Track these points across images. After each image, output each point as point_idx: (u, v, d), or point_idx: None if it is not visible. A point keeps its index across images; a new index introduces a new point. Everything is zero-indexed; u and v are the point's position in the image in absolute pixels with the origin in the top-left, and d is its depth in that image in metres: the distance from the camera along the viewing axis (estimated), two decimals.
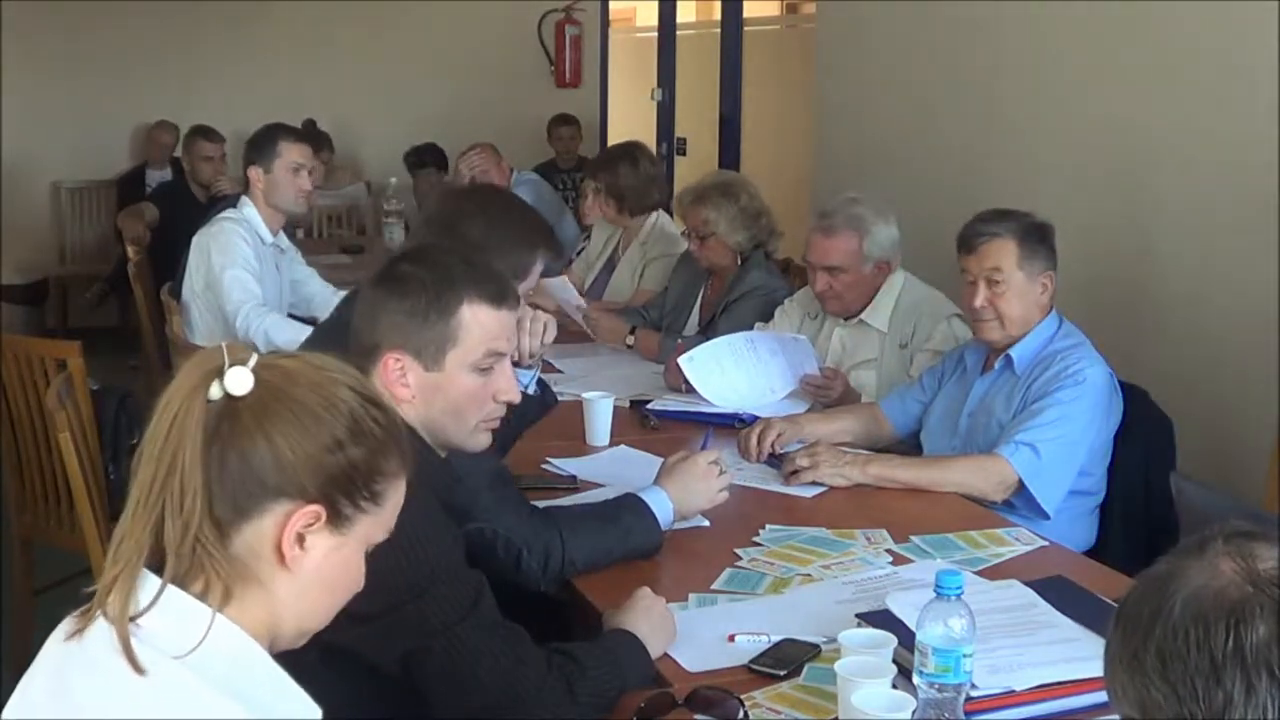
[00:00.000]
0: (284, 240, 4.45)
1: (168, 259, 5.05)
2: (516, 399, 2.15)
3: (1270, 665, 1.03)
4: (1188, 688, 1.05)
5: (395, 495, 1.41)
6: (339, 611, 1.41)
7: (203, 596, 1.30)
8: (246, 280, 4.12)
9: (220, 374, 1.30)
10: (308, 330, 4.06)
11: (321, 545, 1.34)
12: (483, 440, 2.14)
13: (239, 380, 1.30)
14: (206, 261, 4.22)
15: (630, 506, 2.47)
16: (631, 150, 5.05)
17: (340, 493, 1.34)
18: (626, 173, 4.89)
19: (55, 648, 1.32)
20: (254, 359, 1.33)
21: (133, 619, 1.26)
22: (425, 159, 7.52)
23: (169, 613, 1.27)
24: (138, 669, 1.24)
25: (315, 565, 1.34)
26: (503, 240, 2.60)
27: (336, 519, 1.35)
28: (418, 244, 2.23)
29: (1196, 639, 1.05)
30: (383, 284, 2.08)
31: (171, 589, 1.28)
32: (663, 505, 2.49)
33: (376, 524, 1.39)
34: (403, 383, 2.03)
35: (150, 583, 1.29)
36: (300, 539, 1.33)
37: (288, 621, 1.35)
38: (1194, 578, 1.08)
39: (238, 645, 1.29)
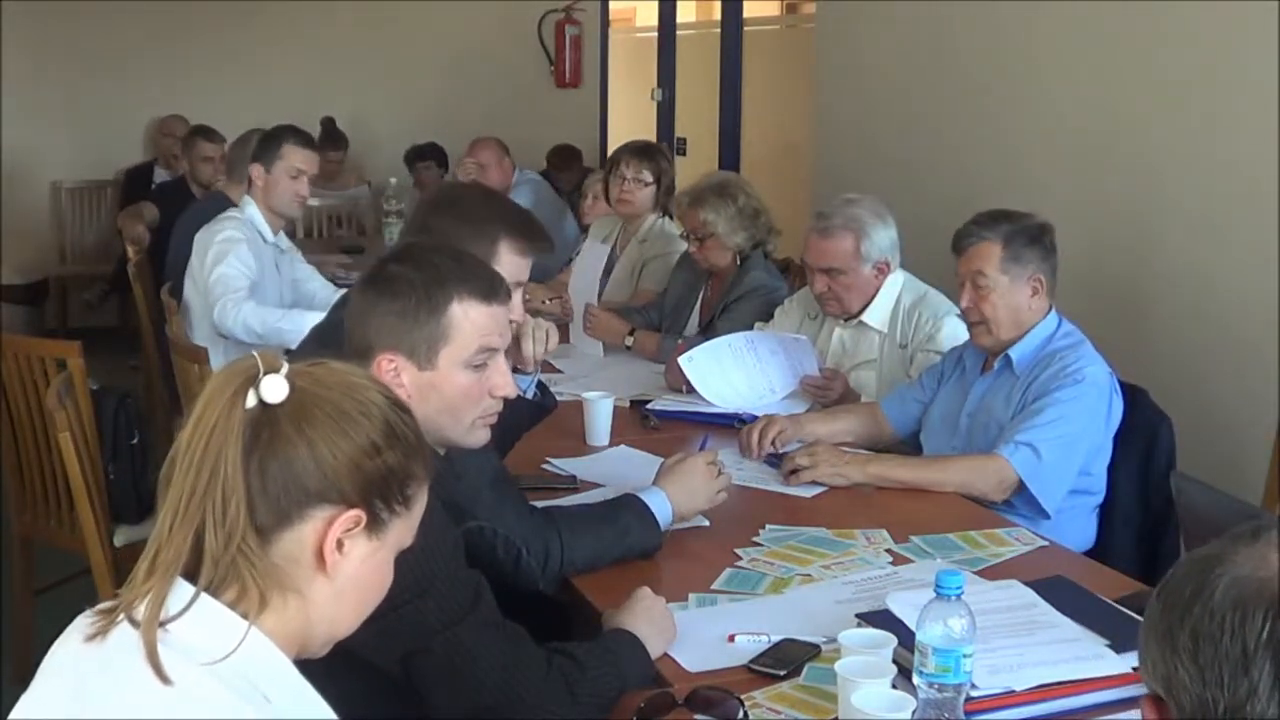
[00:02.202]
0: (284, 240, 4.47)
1: (168, 259, 5.06)
2: (513, 393, 2.14)
3: None
4: (1215, 673, 1.04)
5: (422, 499, 1.42)
6: None
7: (235, 604, 1.30)
8: (232, 277, 4.13)
9: (255, 382, 1.31)
10: (286, 314, 4.08)
11: (359, 550, 1.35)
12: (481, 436, 2.14)
13: (275, 388, 1.31)
14: (204, 260, 4.24)
15: (630, 507, 2.47)
16: (666, 149, 5.20)
17: (378, 497, 1.35)
18: (670, 167, 5.00)
19: (73, 648, 1.32)
20: (285, 366, 1.33)
21: (162, 624, 1.26)
22: (425, 153, 7.68)
23: (201, 620, 1.28)
24: (164, 678, 1.23)
25: (353, 570, 1.35)
26: (462, 232, 2.51)
27: (374, 523, 1.36)
28: (404, 244, 2.21)
29: (1233, 625, 1.04)
30: (372, 285, 2.07)
31: (204, 597, 1.28)
32: (662, 506, 2.49)
33: (406, 528, 1.41)
34: (397, 383, 2.02)
35: (181, 589, 1.29)
36: (339, 544, 1.33)
37: (320, 627, 1.36)
38: (1242, 563, 1.07)
39: (265, 654, 1.29)
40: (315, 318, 3.98)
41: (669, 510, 2.50)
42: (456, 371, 2.04)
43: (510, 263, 2.54)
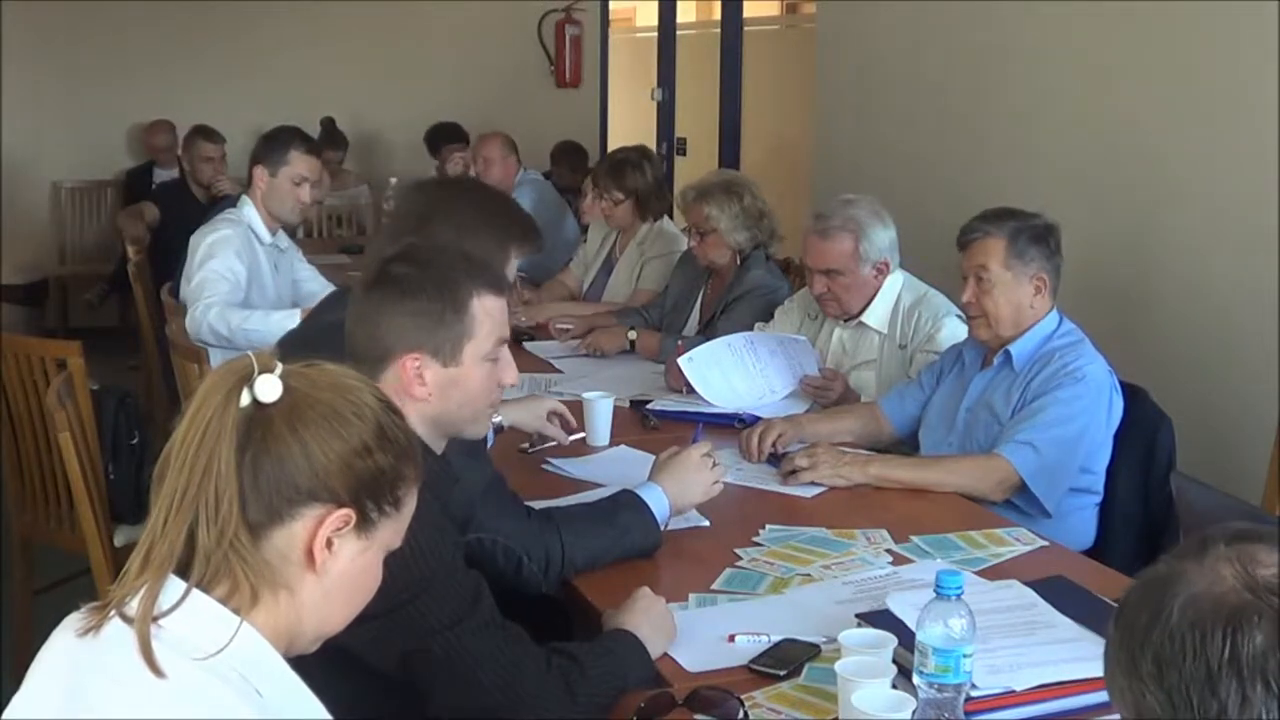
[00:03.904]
0: (284, 239, 4.43)
1: (168, 259, 5.05)
2: (516, 380, 2.19)
3: (1265, 675, 1.01)
4: (1182, 695, 1.03)
5: (412, 501, 1.43)
6: None
7: (227, 600, 1.31)
8: (211, 282, 4.05)
9: (249, 381, 1.32)
10: (250, 314, 4.00)
11: (348, 550, 1.37)
12: (486, 425, 2.19)
13: (269, 387, 1.32)
14: (194, 261, 4.20)
15: (628, 504, 2.48)
16: (647, 154, 5.07)
17: (368, 497, 1.36)
18: (649, 174, 4.92)
19: (66, 643, 1.32)
20: (280, 366, 1.34)
21: (155, 619, 1.27)
22: (453, 133, 7.67)
23: (193, 616, 1.29)
24: (158, 672, 1.24)
25: (342, 569, 1.37)
26: (474, 241, 2.49)
27: (364, 523, 1.37)
28: (404, 245, 2.19)
29: (1193, 646, 1.03)
30: (382, 288, 2.07)
31: (196, 592, 1.30)
32: (659, 501, 2.50)
33: (395, 529, 1.42)
34: (420, 382, 2.03)
35: (173, 585, 1.30)
36: (329, 543, 1.35)
37: (309, 625, 1.37)
38: (1194, 582, 1.06)
39: (257, 649, 1.30)
40: (282, 317, 3.96)
41: (666, 505, 2.51)
42: (477, 365, 2.07)
43: (513, 266, 2.62)
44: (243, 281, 4.12)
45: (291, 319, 3.95)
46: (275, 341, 3.86)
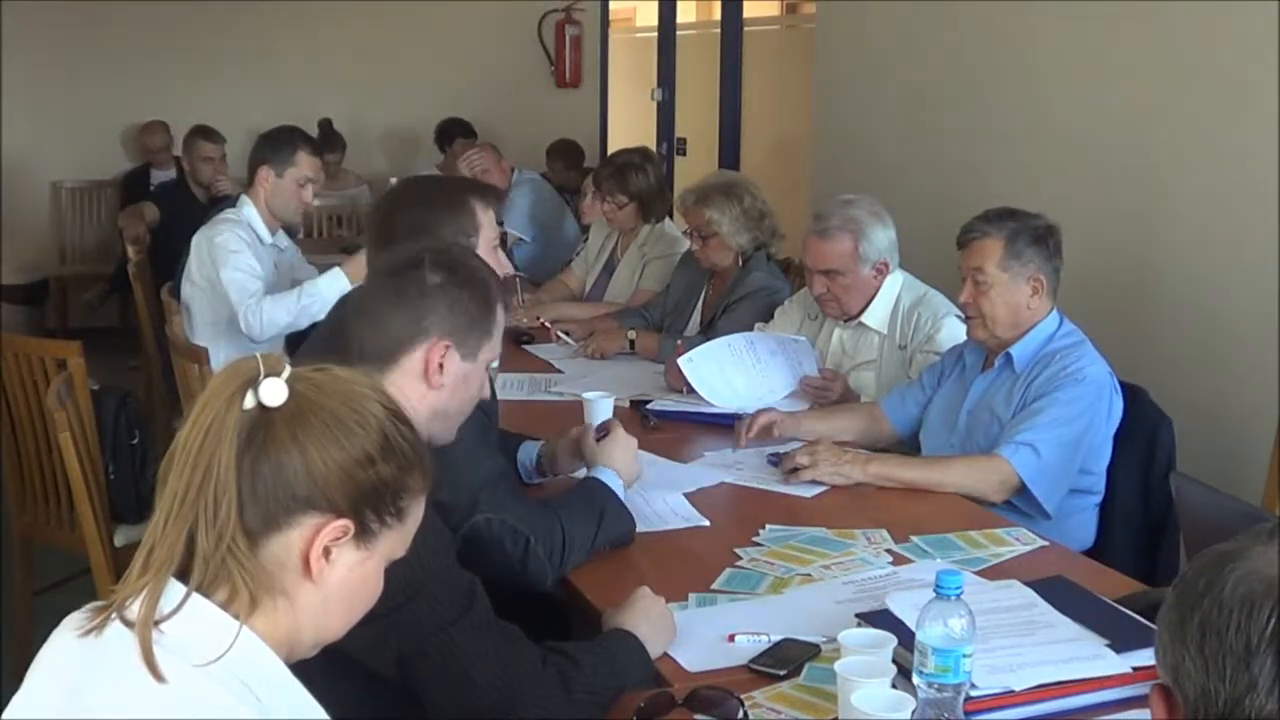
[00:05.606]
0: (283, 239, 4.44)
1: (168, 259, 5.05)
2: (487, 394, 2.24)
3: None
4: (1218, 664, 1.06)
5: (417, 511, 1.42)
6: None
7: (226, 605, 1.30)
8: (242, 280, 4.11)
9: (254, 384, 1.31)
10: (300, 291, 4.09)
11: (346, 559, 1.35)
12: (454, 431, 2.25)
13: (274, 391, 1.31)
14: (204, 262, 4.22)
15: (601, 491, 2.54)
16: (649, 155, 5.05)
17: (368, 508, 1.35)
18: (652, 175, 4.91)
19: (67, 643, 1.32)
20: (287, 370, 1.33)
21: (155, 624, 1.27)
22: (457, 129, 7.72)
23: (193, 620, 1.28)
24: (159, 677, 1.24)
25: (340, 579, 1.35)
26: (439, 214, 2.66)
27: (363, 533, 1.35)
28: (423, 248, 2.24)
29: (1239, 619, 1.07)
30: (425, 272, 2.11)
31: (196, 596, 1.29)
32: (617, 484, 2.58)
33: (398, 539, 1.41)
34: (439, 371, 2.09)
35: (173, 589, 1.29)
36: (327, 552, 1.33)
37: (307, 632, 1.36)
38: (1254, 560, 1.10)
39: (258, 656, 1.29)
40: (331, 281, 4.04)
41: (620, 483, 2.59)
42: (481, 368, 2.16)
43: (487, 220, 2.71)
44: (264, 274, 4.15)
45: (338, 280, 4.02)
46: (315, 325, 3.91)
